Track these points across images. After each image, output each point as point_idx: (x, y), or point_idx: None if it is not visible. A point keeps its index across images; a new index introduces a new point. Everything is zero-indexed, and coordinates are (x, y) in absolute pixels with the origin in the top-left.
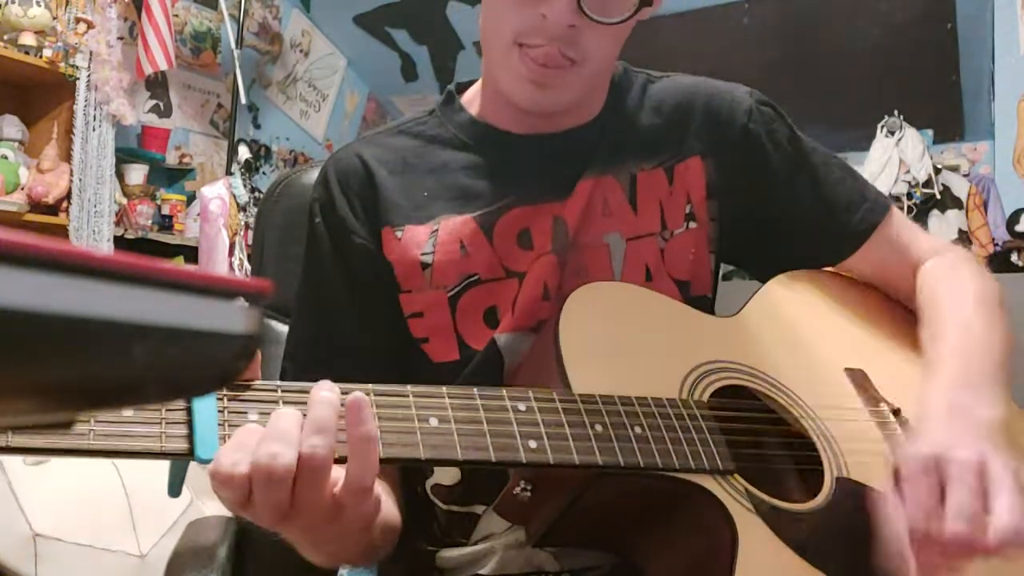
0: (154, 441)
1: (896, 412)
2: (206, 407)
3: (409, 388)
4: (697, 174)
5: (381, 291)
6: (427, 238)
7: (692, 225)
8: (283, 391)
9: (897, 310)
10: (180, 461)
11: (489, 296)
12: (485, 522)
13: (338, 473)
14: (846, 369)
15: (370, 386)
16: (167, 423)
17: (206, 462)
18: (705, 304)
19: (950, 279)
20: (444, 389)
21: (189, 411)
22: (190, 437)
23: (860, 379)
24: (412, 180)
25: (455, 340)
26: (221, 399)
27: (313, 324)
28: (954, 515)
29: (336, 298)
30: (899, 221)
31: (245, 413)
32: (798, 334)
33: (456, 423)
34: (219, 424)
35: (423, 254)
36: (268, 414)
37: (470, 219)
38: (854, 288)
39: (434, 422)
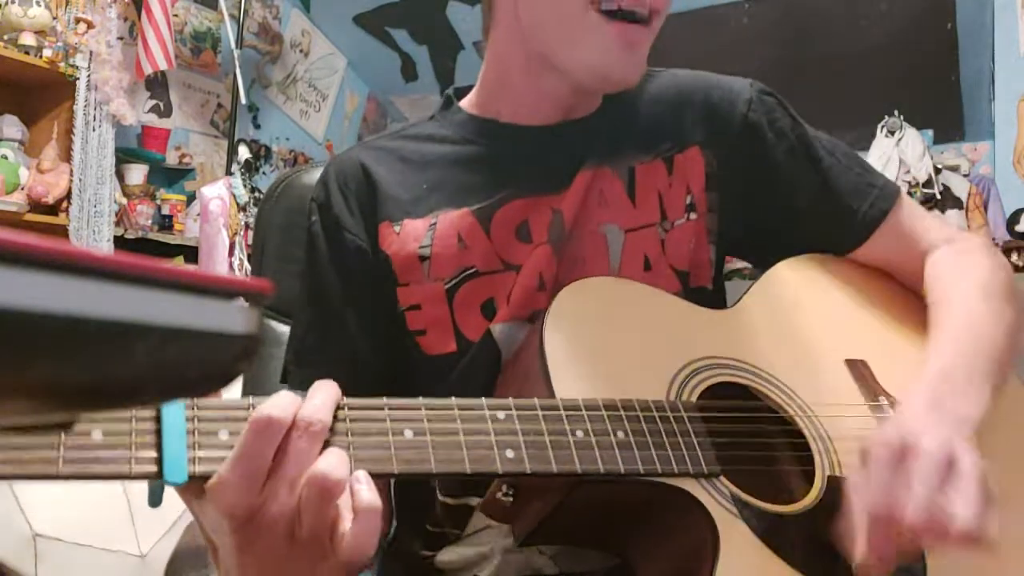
0: (123, 465)
1: (895, 405)
2: (175, 428)
3: (384, 400)
4: (697, 164)
5: (377, 289)
6: (425, 231)
7: (692, 216)
8: (254, 408)
9: (906, 295)
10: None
11: (486, 288)
12: (479, 515)
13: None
14: (846, 360)
15: (344, 399)
16: (136, 446)
17: (175, 485)
18: (704, 295)
19: (958, 268)
20: (421, 400)
21: (158, 432)
22: (159, 460)
23: (861, 370)
24: (410, 175)
25: (452, 332)
26: (191, 419)
27: (311, 323)
28: (915, 505)
29: (333, 297)
30: (909, 208)
31: (215, 433)
32: (798, 324)
33: (432, 435)
34: (188, 446)
35: (421, 247)
36: (239, 433)
37: (468, 212)
38: (861, 272)
39: (409, 434)
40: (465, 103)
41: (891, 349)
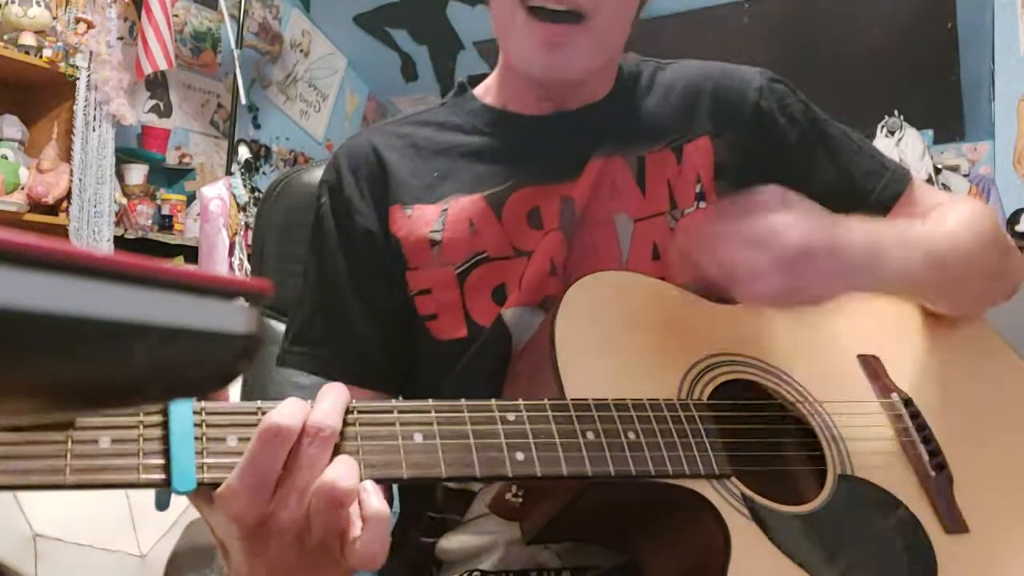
0: (131, 473)
1: (907, 402)
2: (183, 435)
3: (394, 403)
4: (706, 153)
5: (386, 273)
6: (437, 216)
7: (702, 205)
8: (262, 413)
9: None
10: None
11: (498, 274)
12: (480, 500)
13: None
14: (859, 356)
15: (353, 403)
16: (144, 454)
17: (183, 494)
18: None
19: (945, 206)
20: (431, 403)
21: (166, 439)
22: (167, 467)
23: (873, 367)
24: (422, 161)
25: (463, 317)
26: (199, 425)
27: (314, 306)
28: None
29: (339, 280)
30: (921, 192)
31: (224, 440)
32: (810, 319)
33: (441, 438)
34: (197, 452)
35: (432, 231)
36: (247, 439)
37: (480, 198)
38: None
39: (419, 438)
40: (479, 91)
41: (906, 343)
